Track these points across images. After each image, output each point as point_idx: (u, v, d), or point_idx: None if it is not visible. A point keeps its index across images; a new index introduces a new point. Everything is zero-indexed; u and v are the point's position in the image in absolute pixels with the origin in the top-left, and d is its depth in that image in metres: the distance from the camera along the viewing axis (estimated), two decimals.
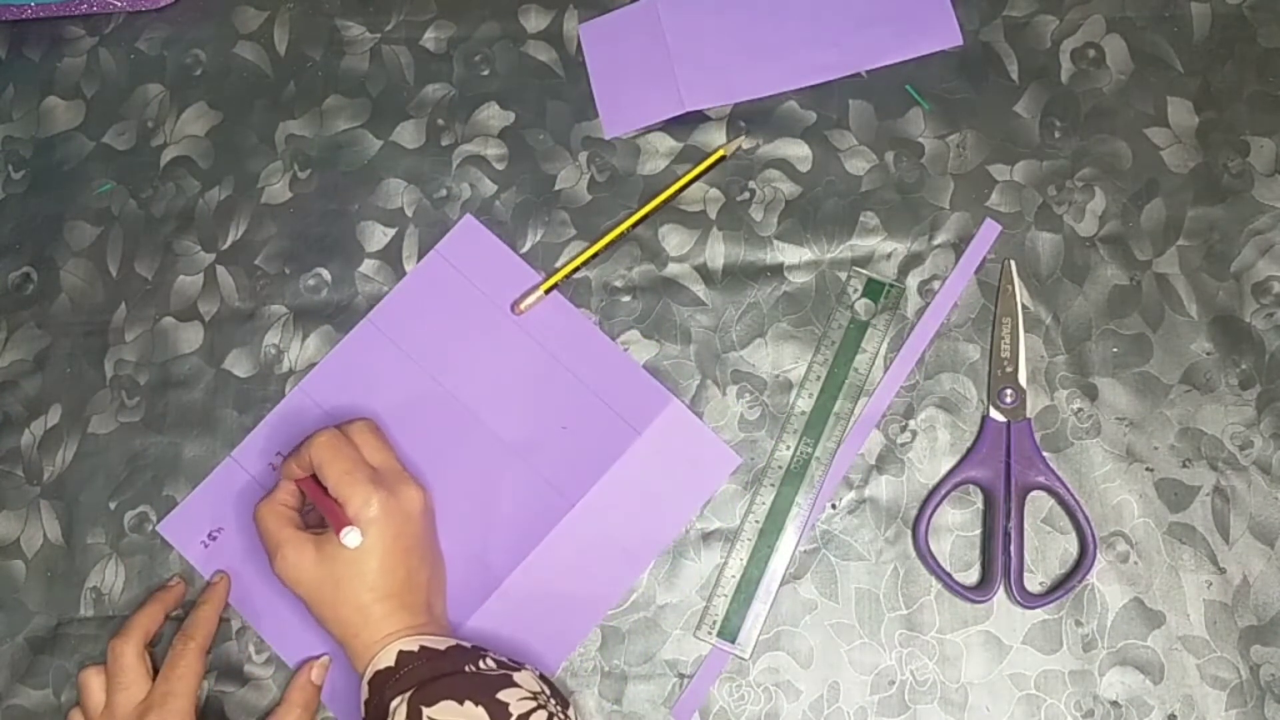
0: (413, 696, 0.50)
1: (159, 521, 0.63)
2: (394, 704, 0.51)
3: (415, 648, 0.53)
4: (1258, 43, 0.65)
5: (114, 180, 0.67)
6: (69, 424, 0.64)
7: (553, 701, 0.52)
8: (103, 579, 0.62)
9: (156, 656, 0.60)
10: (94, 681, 0.58)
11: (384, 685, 0.52)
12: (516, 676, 0.52)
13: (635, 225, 0.64)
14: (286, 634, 0.61)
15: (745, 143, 0.66)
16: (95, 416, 0.64)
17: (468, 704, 0.50)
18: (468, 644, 0.54)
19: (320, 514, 0.58)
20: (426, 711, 0.50)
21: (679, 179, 0.65)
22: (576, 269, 0.64)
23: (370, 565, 0.54)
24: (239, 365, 0.65)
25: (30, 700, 0.61)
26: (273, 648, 0.61)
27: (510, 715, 0.50)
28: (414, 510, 0.56)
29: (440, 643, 0.53)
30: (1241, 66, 0.65)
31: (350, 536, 0.54)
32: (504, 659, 0.54)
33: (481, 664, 0.53)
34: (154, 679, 0.58)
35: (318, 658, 0.60)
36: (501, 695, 0.50)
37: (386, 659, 0.53)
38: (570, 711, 0.53)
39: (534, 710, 0.50)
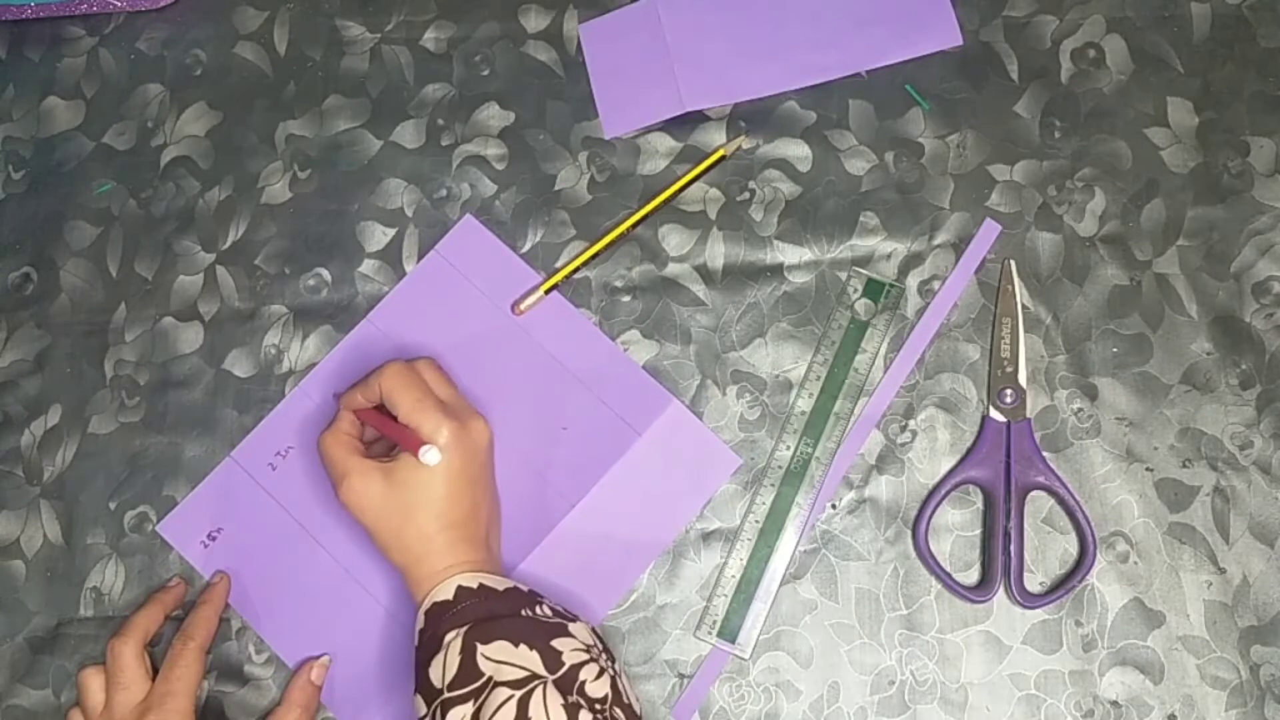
0: (468, 633, 0.51)
1: (159, 522, 0.63)
2: (449, 637, 0.51)
3: (474, 584, 0.53)
4: (1258, 43, 0.65)
5: (114, 180, 0.67)
6: (69, 424, 0.64)
7: (604, 656, 0.52)
8: (103, 579, 0.63)
9: (156, 657, 0.60)
10: (93, 681, 0.58)
11: (440, 617, 0.52)
12: (571, 627, 0.52)
13: (635, 225, 0.64)
14: (286, 634, 0.61)
15: (745, 143, 0.66)
16: (95, 416, 0.64)
17: (522, 647, 0.50)
18: (525, 588, 0.54)
19: (383, 446, 0.59)
20: (481, 649, 0.50)
21: (679, 179, 0.65)
22: (576, 269, 0.64)
23: (438, 492, 0.55)
24: (239, 365, 0.65)
25: (30, 700, 0.61)
26: (272, 648, 0.61)
27: (563, 664, 0.50)
28: (481, 443, 0.57)
29: (499, 583, 0.54)
30: (1241, 66, 0.65)
31: (429, 454, 0.54)
32: (560, 608, 0.54)
33: (538, 609, 0.53)
34: (154, 679, 0.58)
35: (317, 658, 0.60)
36: (555, 643, 0.51)
37: (445, 592, 0.53)
38: (619, 667, 0.53)
39: (586, 662, 0.51)
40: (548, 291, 0.64)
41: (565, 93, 0.67)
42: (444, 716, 0.49)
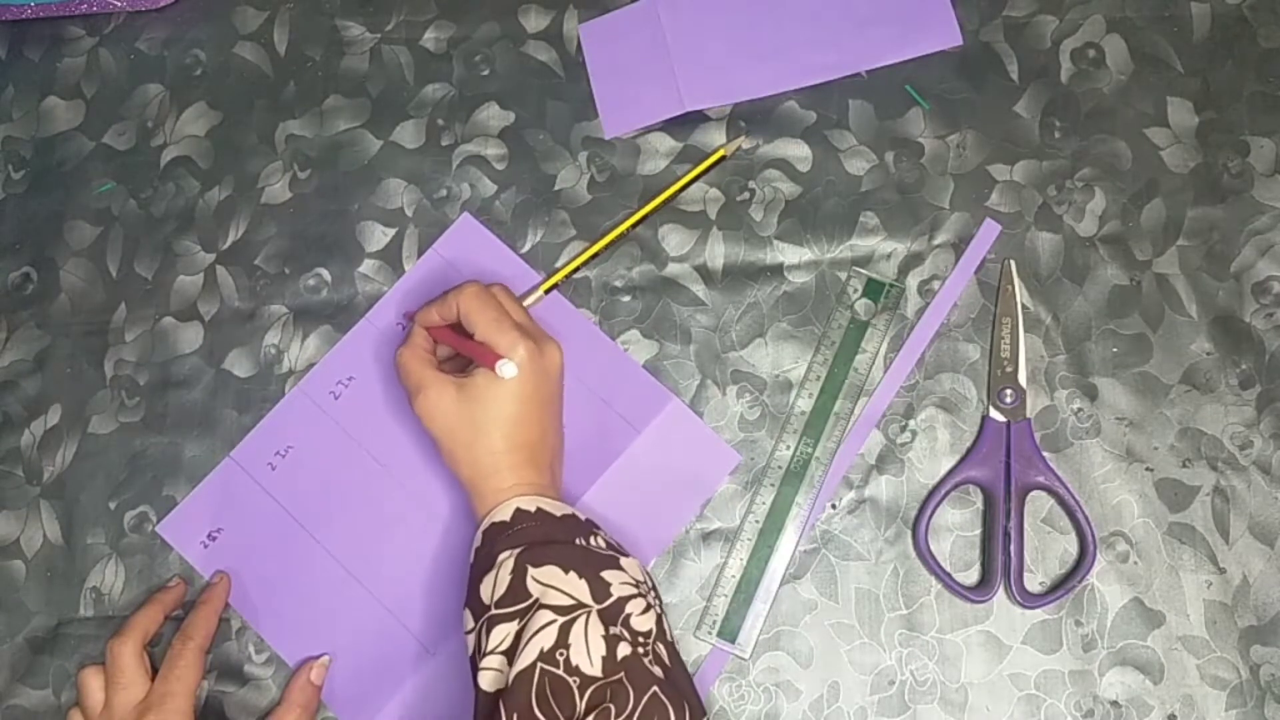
0: (521, 554, 0.51)
1: (158, 522, 0.63)
2: (501, 556, 0.52)
3: (533, 508, 0.54)
4: (1258, 43, 0.65)
5: (114, 180, 0.68)
6: (69, 424, 0.64)
7: (651, 594, 0.53)
8: (103, 579, 0.63)
9: (156, 657, 0.60)
10: (93, 681, 0.58)
11: (497, 537, 0.53)
12: (623, 561, 0.53)
13: (635, 225, 0.64)
14: (286, 634, 0.61)
15: (745, 143, 0.66)
16: (95, 416, 0.64)
17: (571, 574, 0.51)
18: (583, 516, 0.55)
19: (454, 365, 0.60)
20: (531, 571, 0.51)
21: (679, 179, 0.65)
22: (577, 269, 0.64)
23: (509, 411, 0.55)
24: (239, 365, 0.65)
25: (30, 700, 0.61)
26: (272, 647, 0.61)
27: (610, 595, 0.50)
28: (554, 367, 0.57)
29: (557, 508, 0.54)
30: (1241, 66, 0.65)
31: (506, 368, 0.54)
32: (614, 541, 0.55)
33: (592, 540, 0.53)
34: (153, 679, 0.58)
35: (317, 658, 0.60)
36: (605, 574, 0.51)
37: (504, 512, 0.54)
38: (662, 608, 0.53)
39: (633, 597, 0.51)
40: (548, 291, 0.64)
41: (565, 93, 0.67)
42: (489, 632, 0.50)
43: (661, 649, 0.51)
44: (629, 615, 0.50)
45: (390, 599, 0.61)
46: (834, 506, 0.61)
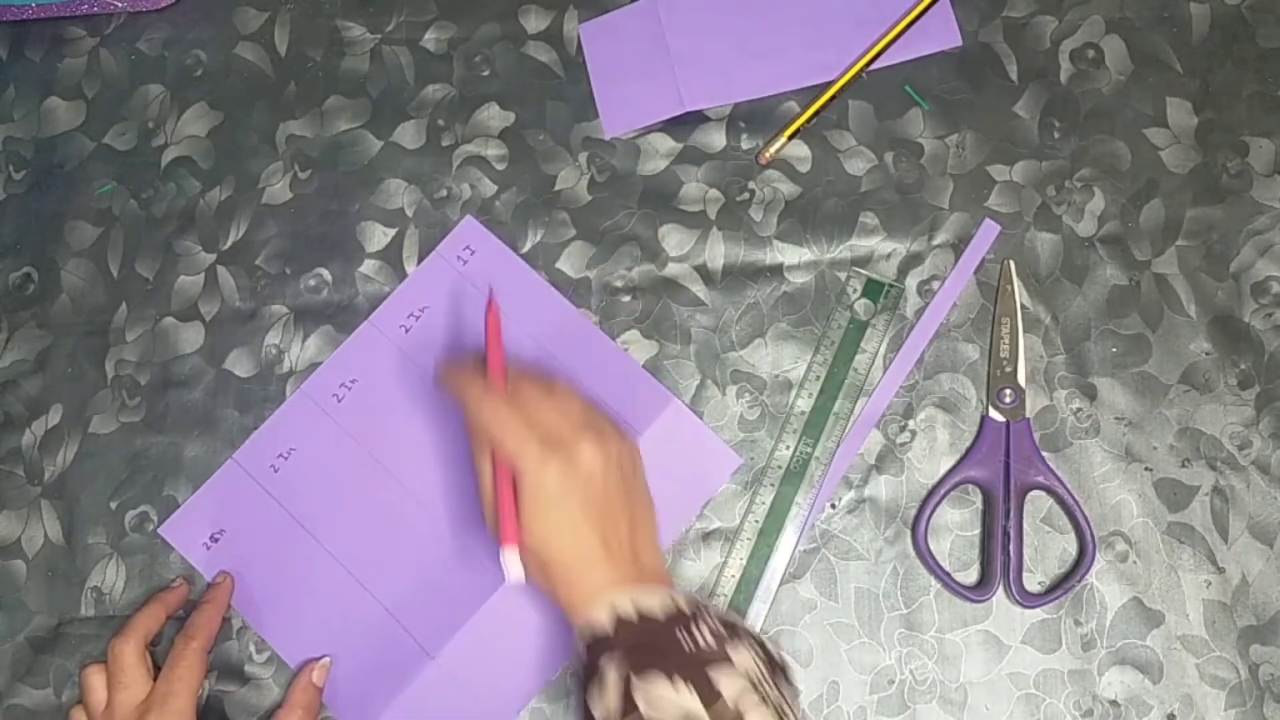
0: (622, 663, 0.48)
1: (160, 524, 0.63)
2: (606, 668, 0.49)
3: (632, 611, 0.50)
4: (1257, 43, 0.65)
5: (115, 180, 0.68)
6: (70, 424, 0.65)
7: (765, 683, 0.49)
8: (103, 579, 0.63)
9: (158, 656, 0.60)
10: (96, 680, 0.58)
11: (597, 649, 0.50)
12: (731, 651, 0.49)
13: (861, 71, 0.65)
14: (288, 635, 0.61)
15: (744, 143, 0.66)
16: (96, 416, 0.65)
17: (678, 681, 0.47)
18: (684, 605, 0.51)
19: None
20: (635, 681, 0.47)
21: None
22: (818, 111, 0.65)
23: (566, 523, 0.52)
24: (240, 365, 0.65)
25: (31, 700, 0.61)
26: (274, 649, 0.61)
27: (719, 694, 0.47)
28: (620, 457, 0.54)
29: (655, 601, 0.51)
30: (1241, 67, 0.65)
31: (510, 566, 0.52)
32: (722, 622, 0.51)
33: (695, 631, 0.50)
34: (155, 679, 0.58)
35: (319, 659, 0.60)
36: (712, 672, 0.48)
37: (601, 616, 0.50)
38: (785, 688, 0.50)
39: (745, 691, 0.48)
40: (790, 138, 0.64)
41: (565, 93, 0.67)
42: None
43: None
44: (741, 714, 0.47)
45: (391, 602, 0.61)
46: (834, 506, 0.62)
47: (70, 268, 0.67)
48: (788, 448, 0.62)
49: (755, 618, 0.60)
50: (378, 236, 0.66)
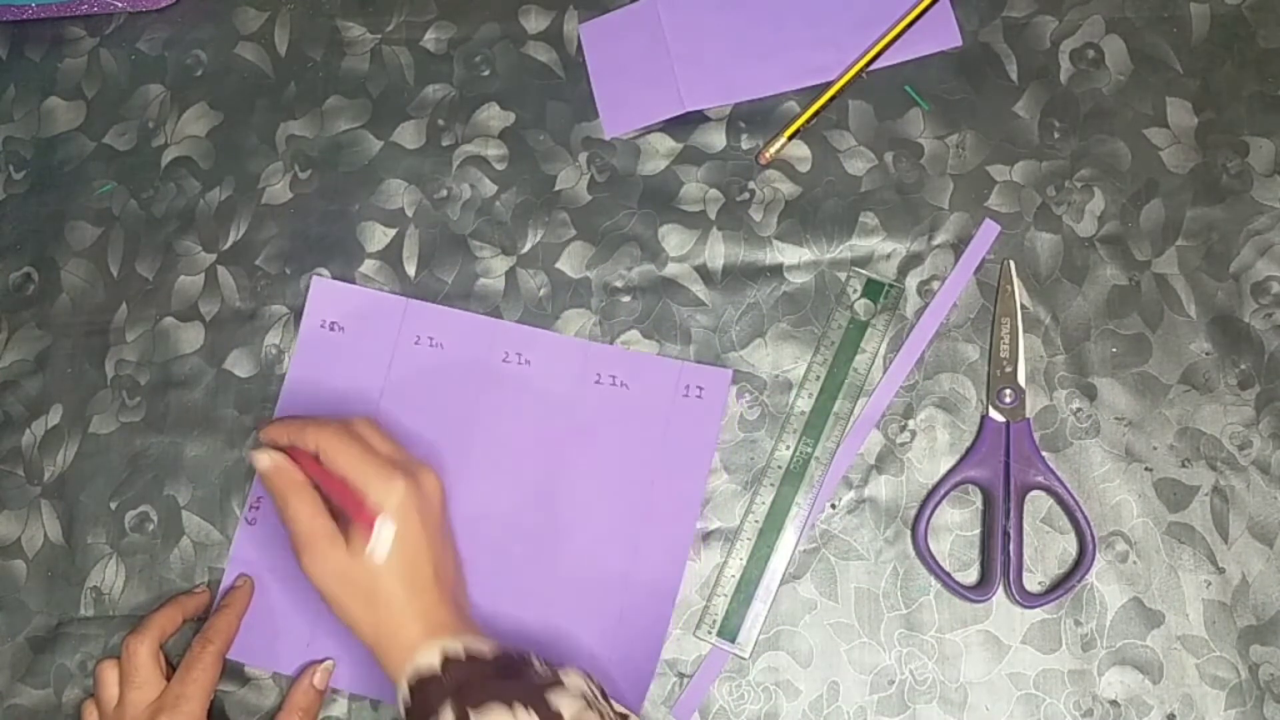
0: (458, 698, 0.48)
1: (160, 524, 0.63)
2: (440, 708, 0.48)
3: (460, 652, 0.50)
4: (1257, 43, 0.65)
5: (115, 180, 0.68)
6: (70, 424, 0.65)
7: (600, 700, 0.50)
8: (103, 579, 0.63)
9: (170, 655, 0.60)
10: (109, 675, 0.58)
11: (428, 691, 0.49)
12: (565, 679, 0.50)
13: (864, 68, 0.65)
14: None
15: (744, 143, 0.66)
16: (96, 416, 0.65)
17: (517, 707, 0.47)
18: (511, 648, 0.52)
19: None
20: (474, 715, 0.47)
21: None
22: (815, 114, 0.65)
23: (402, 558, 0.52)
24: (240, 365, 0.65)
25: (31, 700, 0.61)
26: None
27: (560, 717, 0.48)
28: (434, 494, 0.55)
29: (483, 644, 0.51)
30: (1241, 67, 0.65)
31: (384, 529, 0.51)
32: (549, 661, 0.52)
33: (527, 668, 0.51)
34: (169, 679, 0.58)
35: (321, 661, 0.60)
36: (550, 696, 0.48)
37: (429, 659, 0.50)
38: (619, 708, 0.51)
39: (584, 710, 0.48)
40: (790, 138, 0.64)
41: (565, 93, 0.67)
42: None
43: None
44: None
45: None
46: (834, 506, 0.62)
47: (70, 268, 0.67)
48: (788, 448, 0.62)
49: (755, 617, 0.60)
50: (378, 236, 0.66)
